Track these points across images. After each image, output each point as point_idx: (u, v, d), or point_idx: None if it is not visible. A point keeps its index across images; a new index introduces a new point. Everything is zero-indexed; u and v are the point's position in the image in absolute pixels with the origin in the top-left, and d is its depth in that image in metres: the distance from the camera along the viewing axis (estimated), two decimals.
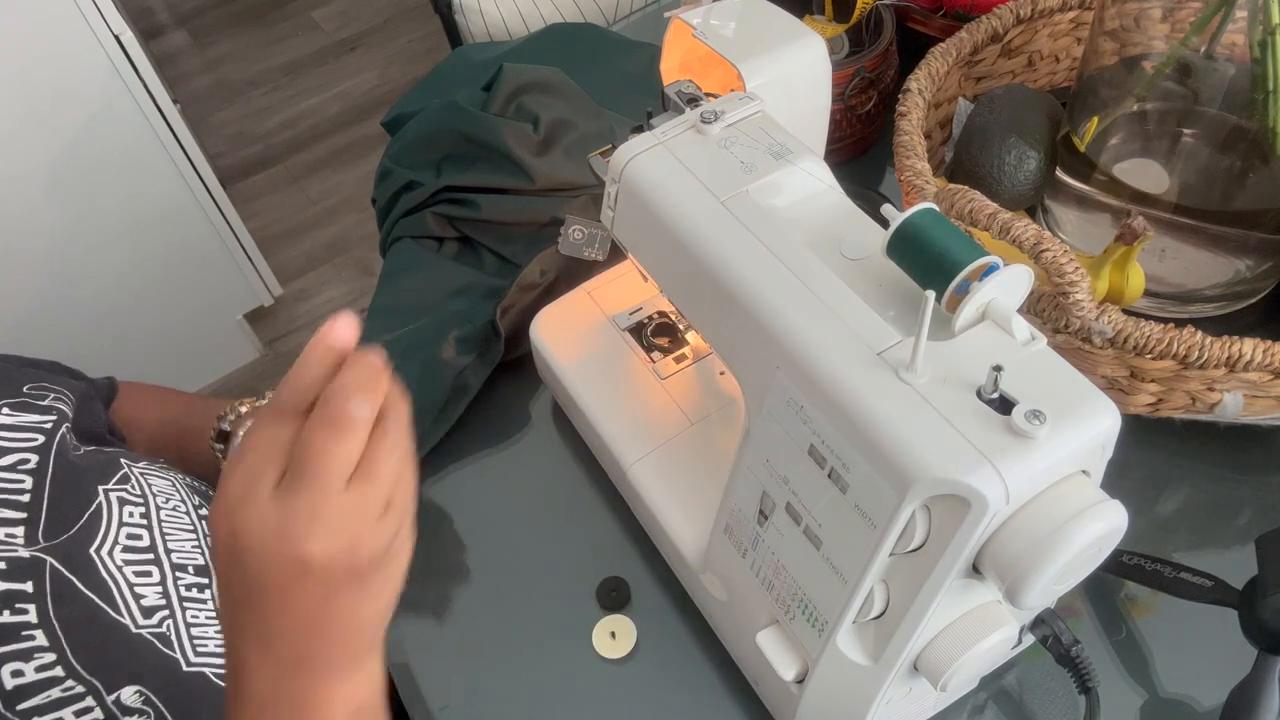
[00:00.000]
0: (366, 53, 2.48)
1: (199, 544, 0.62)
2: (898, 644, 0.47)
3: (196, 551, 0.61)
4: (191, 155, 1.58)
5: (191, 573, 0.60)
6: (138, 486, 0.61)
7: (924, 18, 0.91)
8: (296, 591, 0.39)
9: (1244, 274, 0.70)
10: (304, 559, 0.38)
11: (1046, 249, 0.58)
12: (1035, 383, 0.43)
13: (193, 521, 0.63)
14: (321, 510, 0.38)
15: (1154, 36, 0.70)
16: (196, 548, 0.62)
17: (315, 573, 0.38)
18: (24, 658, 0.48)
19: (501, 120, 0.89)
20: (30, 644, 0.49)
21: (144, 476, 0.63)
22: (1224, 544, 0.66)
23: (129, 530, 0.58)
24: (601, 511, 0.72)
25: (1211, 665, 0.58)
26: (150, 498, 0.61)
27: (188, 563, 0.60)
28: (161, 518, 0.60)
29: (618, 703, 0.63)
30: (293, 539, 0.38)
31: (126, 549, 0.58)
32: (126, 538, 0.58)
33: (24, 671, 0.48)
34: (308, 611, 0.39)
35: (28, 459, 0.57)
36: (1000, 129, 0.75)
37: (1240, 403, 0.63)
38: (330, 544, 0.38)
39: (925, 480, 0.41)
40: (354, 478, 0.39)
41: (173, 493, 0.64)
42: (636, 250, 0.60)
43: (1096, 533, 0.41)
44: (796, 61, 0.62)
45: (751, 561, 0.54)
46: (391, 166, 0.94)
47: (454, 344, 0.79)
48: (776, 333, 0.48)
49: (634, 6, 1.30)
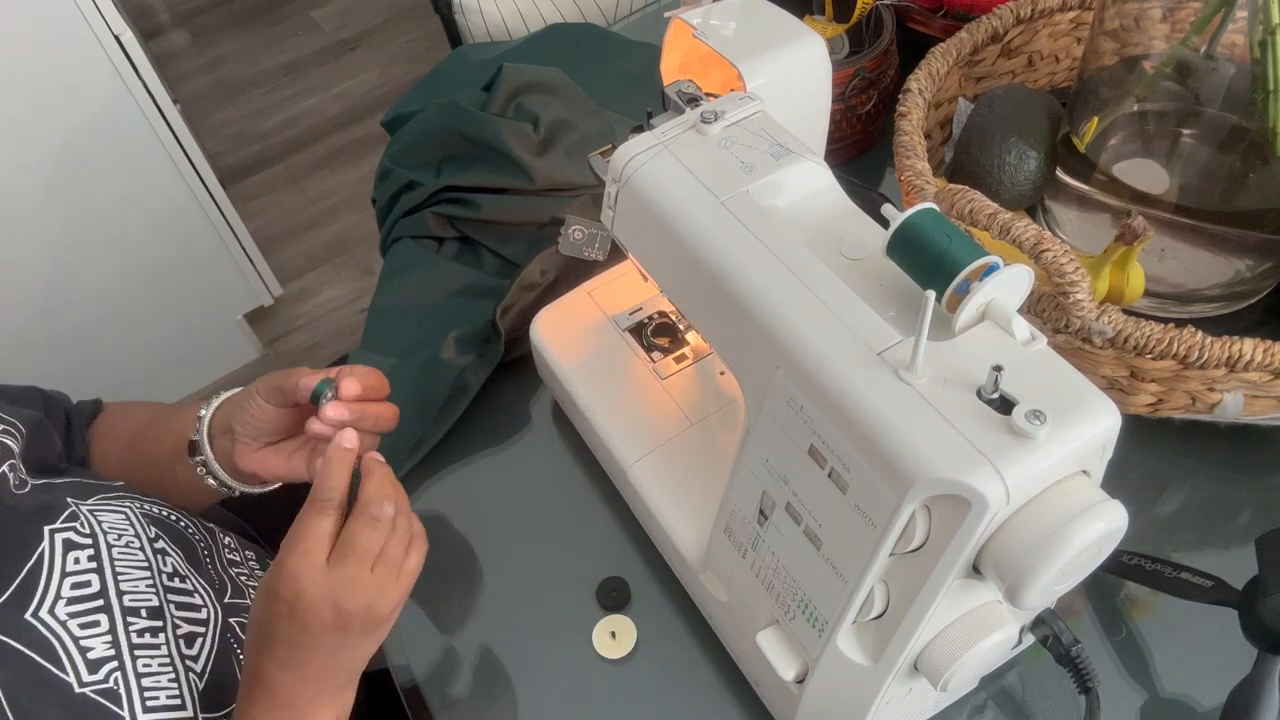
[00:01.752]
0: (366, 53, 2.48)
1: (153, 583, 0.61)
2: (898, 644, 0.47)
3: (151, 592, 0.60)
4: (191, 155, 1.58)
5: (145, 616, 0.59)
6: (86, 525, 0.60)
7: (924, 18, 0.91)
8: (329, 635, 0.53)
9: (1244, 274, 0.70)
10: (342, 613, 0.52)
11: (1046, 249, 0.58)
12: (1035, 383, 0.43)
13: (147, 558, 0.62)
14: (356, 581, 0.53)
15: (1154, 36, 0.70)
16: (151, 587, 0.60)
17: (343, 623, 0.53)
18: None
19: (501, 120, 0.89)
20: None
21: (93, 514, 0.61)
22: (1224, 544, 0.66)
23: (75, 580, 0.57)
24: (601, 511, 0.72)
25: (1211, 665, 0.58)
26: (100, 536, 0.60)
27: (140, 605, 0.59)
28: (113, 556, 0.60)
29: (618, 703, 0.63)
30: (336, 599, 0.52)
31: (71, 600, 0.57)
32: (71, 587, 0.57)
33: None
34: (331, 648, 0.53)
35: None
36: (1000, 129, 0.75)
37: (1240, 403, 0.63)
38: (359, 603, 0.53)
39: (925, 480, 0.41)
40: (378, 560, 0.54)
41: (125, 528, 0.62)
42: (636, 250, 0.60)
43: (1096, 533, 0.41)
44: (796, 61, 0.62)
45: (751, 561, 0.54)
46: (391, 166, 0.94)
47: (454, 344, 0.79)
48: (776, 333, 0.48)
49: (634, 6, 1.30)
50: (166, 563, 0.63)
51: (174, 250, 1.65)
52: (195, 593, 0.64)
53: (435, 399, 0.77)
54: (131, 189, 1.55)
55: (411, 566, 0.56)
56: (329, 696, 0.55)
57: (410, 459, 0.76)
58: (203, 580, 0.65)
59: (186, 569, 0.64)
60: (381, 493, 0.55)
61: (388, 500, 0.55)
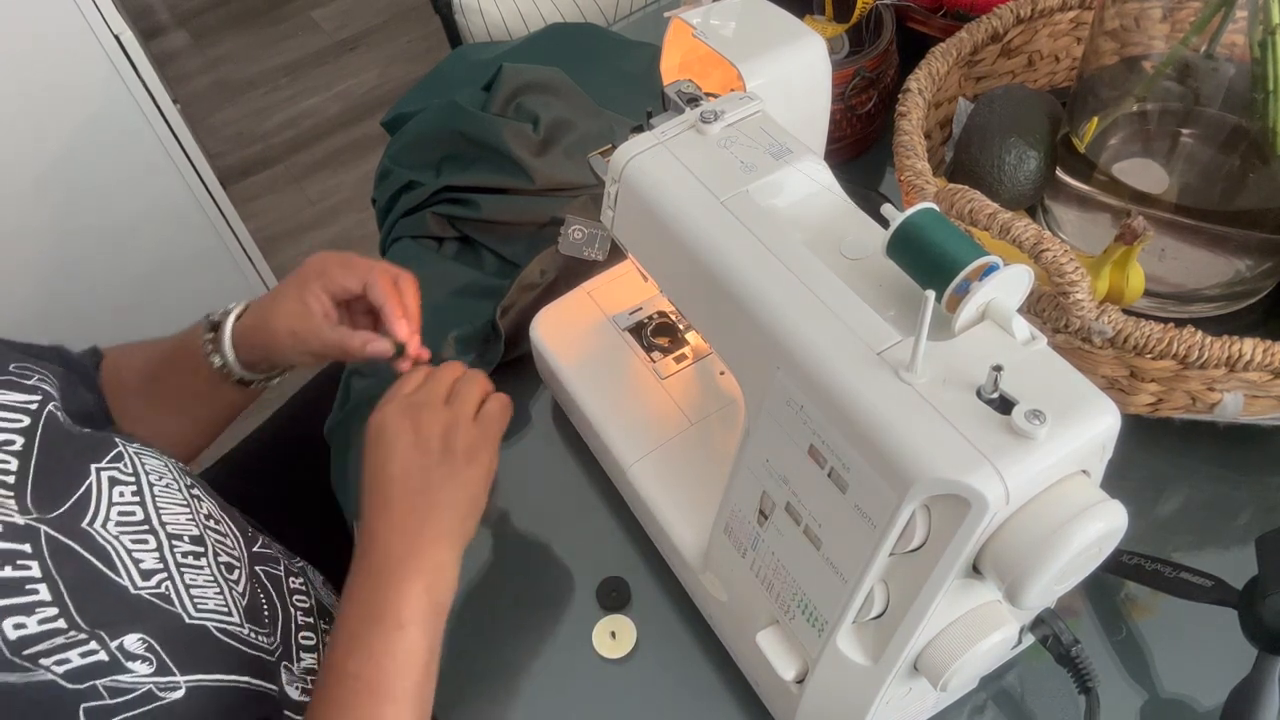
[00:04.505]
0: (366, 53, 2.48)
1: (193, 518, 0.63)
2: (898, 644, 0.47)
3: (191, 524, 0.63)
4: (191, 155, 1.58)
5: (187, 541, 0.62)
6: (130, 465, 0.62)
7: (924, 18, 0.91)
8: (412, 463, 0.57)
9: (1244, 274, 0.70)
10: (421, 435, 0.58)
11: (1046, 249, 0.58)
12: (1035, 383, 0.43)
13: (185, 498, 0.64)
14: (430, 406, 0.59)
15: (1154, 36, 0.70)
16: (191, 520, 0.63)
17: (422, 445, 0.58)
18: (26, 611, 0.50)
19: (501, 120, 0.89)
20: (33, 598, 0.51)
21: (138, 456, 0.63)
22: (1224, 544, 0.66)
23: (120, 508, 0.59)
24: (601, 511, 0.72)
25: (1211, 665, 0.58)
26: (142, 475, 0.62)
27: (183, 533, 0.62)
28: (155, 493, 0.62)
29: (618, 703, 0.63)
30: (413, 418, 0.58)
31: (120, 522, 0.59)
32: (119, 514, 0.59)
33: (26, 624, 0.50)
34: (416, 482, 0.57)
35: (13, 440, 0.57)
36: (1000, 129, 0.75)
37: (1240, 403, 0.63)
38: (435, 427, 0.58)
39: (925, 480, 0.41)
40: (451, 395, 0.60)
41: (165, 471, 0.65)
42: (636, 250, 0.60)
43: (1096, 533, 0.41)
44: (796, 61, 0.62)
45: (751, 561, 0.54)
46: (391, 166, 0.94)
47: (454, 344, 0.79)
48: (776, 333, 0.48)
49: (634, 6, 1.30)
50: (202, 506, 0.66)
51: (174, 250, 1.65)
52: (228, 535, 0.67)
53: None
54: (131, 189, 1.55)
55: (492, 408, 0.61)
56: (419, 557, 0.56)
57: None
58: (233, 526, 0.68)
59: (219, 514, 0.67)
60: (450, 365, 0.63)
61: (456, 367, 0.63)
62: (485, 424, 0.60)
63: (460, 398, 0.60)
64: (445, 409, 0.59)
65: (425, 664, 0.56)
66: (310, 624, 0.70)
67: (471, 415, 0.60)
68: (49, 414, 0.60)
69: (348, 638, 0.55)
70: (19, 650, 0.49)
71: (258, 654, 0.61)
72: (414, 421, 0.58)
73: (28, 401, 0.60)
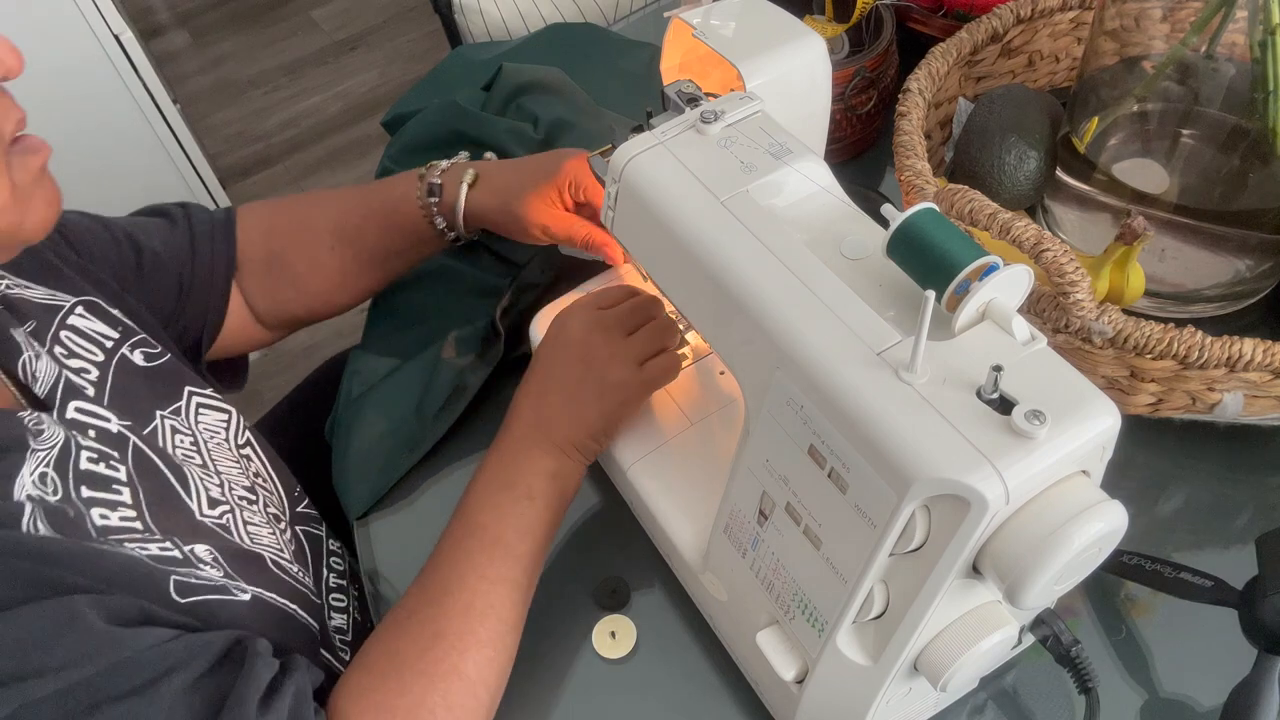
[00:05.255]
0: (366, 53, 2.48)
1: (243, 472, 0.68)
2: (898, 644, 0.47)
3: (243, 477, 0.68)
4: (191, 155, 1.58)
5: (242, 488, 0.67)
6: (187, 423, 0.66)
7: (924, 18, 0.91)
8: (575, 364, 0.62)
9: (1244, 274, 0.70)
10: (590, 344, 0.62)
11: (1046, 249, 0.58)
12: (1035, 383, 0.43)
13: (236, 457, 0.69)
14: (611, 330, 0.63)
15: (1154, 36, 0.70)
16: (242, 474, 0.68)
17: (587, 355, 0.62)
18: (110, 506, 0.55)
19: (501, 120, 0.89)
20: (117, 497, 0.56)
21: (198, 410, 0.68)
22: (1224, 544, 0.66)
23: (183, 450, 0.64)
24: (601, 511, 0.72)
25: (1211, 665, 0.58)
26: (197, 434, 0.67)
27: (236, 482, 0.66)
28: (210, 448, 0.67)
29: (618, 703, 0.63)
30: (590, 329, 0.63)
31: (185, 459, 0.64)
32: (183, 455, 0.64)
33: (110, 517, 0.54)
34: (567, 387, 0.62)
35: (95, 362, 0.62)
36: (1000, 129, 0.75)
37: (1240, 403, 0.63)
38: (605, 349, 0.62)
39: (925, 480, 0.41)
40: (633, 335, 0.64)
41: (218, 429, 0.69)
42: (636, 250, 0.60)
43: (1096, 533, 0.41)
44: (796, 61, 0.62)
45: (751, 561, 0.54)
46: (391, 166, 0.94)
47: (454, 344, 0.79)
48: (776, 333, 0.47)
49: (634, 6, 1.30)
50: (250, 465, 0.70)
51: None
52: (274, 493, 0.71)
53: (435, 398, 0.77)
54: (131, 189, 1.55)
55: (659, 363, 0.63)
56: (552, 446, 0.61)
57: (410, 458, 0.76)
58: (279, 484, 0.73)
59: (268, 473, 0.72)
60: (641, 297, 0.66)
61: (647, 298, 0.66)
62: (645, 372, 0.63)
63: (639, 339, 0.63)
64: (620, 340, 0.63)
65: (544, 538, 0.61)
66: (343, 586, 0.74)
67: (640, 358, 0.63)
68: (121, 356, 0.64)
69: (480, 495, 0.61)
70: (104, 534, 0.53)
71: (306, 591, 0.65)
72: (590, 337, 0.62)
73: (106, 336, 0.64)
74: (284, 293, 0.80)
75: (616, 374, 0.62)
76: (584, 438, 0.62)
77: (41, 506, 0.50)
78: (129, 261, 0.72)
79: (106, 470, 0.56)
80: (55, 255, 0.66)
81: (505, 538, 0.59)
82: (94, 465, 0.55)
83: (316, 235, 0.79)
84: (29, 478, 0.51)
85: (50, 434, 0.54)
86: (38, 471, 0.52)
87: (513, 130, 0.89)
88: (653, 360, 0.63)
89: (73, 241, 0.69)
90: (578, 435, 0.62)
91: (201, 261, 0.76)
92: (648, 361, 0.63)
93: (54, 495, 0.52)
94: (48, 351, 0.59)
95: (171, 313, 0.74)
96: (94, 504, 0.54)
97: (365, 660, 0.56)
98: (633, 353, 0.63)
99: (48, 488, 0.52)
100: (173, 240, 0.76)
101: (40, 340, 0.60)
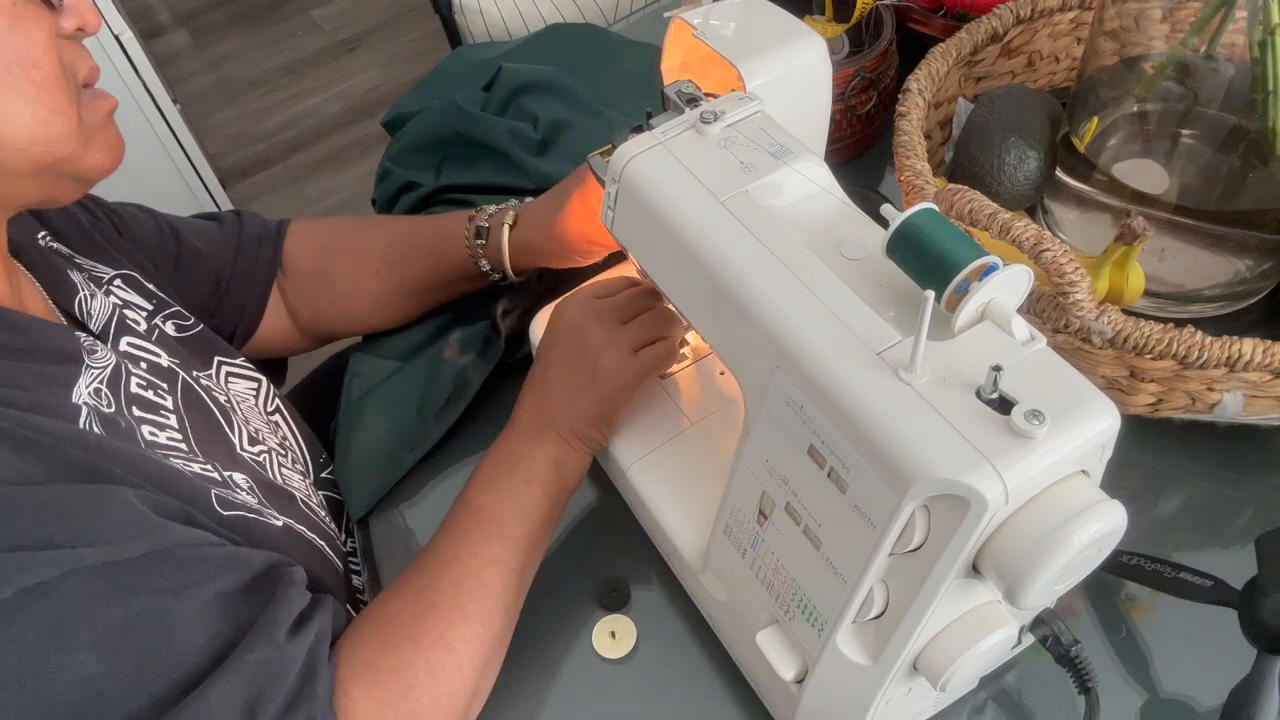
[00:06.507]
0: (366, 53, 2.48)
1: (273, 433, 0.72)
2: (897, 644, 0.47)
3: (273, 437, 0.71)
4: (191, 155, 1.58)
5: (275, 444, 0.70)
6: (221, 387, 0.70)
7: (924, 18, 0.91)
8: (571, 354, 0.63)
9: (1244, 274, 0.70)
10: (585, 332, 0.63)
11: (1046, 249, 0.58)
12: (1035, 383, 0.43)
13: (266, 421, 0.73)
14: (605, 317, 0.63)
15: (1154, 36, 0.70)
16: (272, 434, 0.72)
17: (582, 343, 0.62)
18: (158, 426, 0.59)
19: (501, 120, 0.89)
20: (165, 420, 0.60)
21: (228, 379, 0.72)
22: (1224, 544, 0.66)
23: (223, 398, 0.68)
24: (601, 511, 0.72)
25: (1211, 665, 0.58)
26: (230, 396, 0.70)
27: (268, 437, 0.70)
28: (244, 410, 0.70)
29: (618, 703, 0.63)
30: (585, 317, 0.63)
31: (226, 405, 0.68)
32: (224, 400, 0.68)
33: (158, 435, 0.58)
34: (564, 374, 0.63)
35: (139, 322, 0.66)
36: (1000, 129, 0.75)
37: (1240, 403, 0.63)
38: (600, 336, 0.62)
39: (924, 480, 0.41)
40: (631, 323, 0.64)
41: (247, 395, 0.73)
42: (636, 250, 0.60)
43: (1096, 533, 0.41)
44: (796, 61, 0.62)
45: (751, 561, 0.54)
46: (391, 167, 0.95)
47: (454, 344, 0.79)
48: (776, 333, 0.48)
49: (634, 6, 1.30)
50: (278, 431, 0.74)
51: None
52: (300, 460, 0.74)
53: (436, 398, 0.77)
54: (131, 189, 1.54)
55: (652, 351, 0.64)
56: (554, 434, 0.63)
57: (410, 458, 0.76)
58: (306, 451, 0.76)
59: (294, 440, 0.75)
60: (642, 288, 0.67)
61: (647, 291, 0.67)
62: (638, 360, 0.63)
63: (634, 327, 0.64)
64: (616, 329, 0.63)
65: (541, 523, 0.62)
66: (358, 564, 0.75)
67: (634, 346, 0.63)
68: (155, 326, 0.68)
69: (483, 480, 0.63)
70: (153, 448, 0.57)
71: (333, 535, 0.69)
72: (585, 324, 0.63)
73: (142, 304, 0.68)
74: (323, 307, 0.83)
75: (610, 361, 0.62)
76: (584, 425, 0.63)
77: (97, 414, 0.54)
78: (169, 251, 0.76)
79: (155, 397, 0.60)
80: (100, 234, 0.70)
81: (501, 519, 0.60)
82: (144, 391, 0.60)
83: (364, 258, 0.82)
84: (85, 389, 0.55)
85: (104, 357, 0.58)
86: (92, 386, 0.56)
87: (513, 130, 0.89)
88: (648, 348, 0.64)
89: (118, 224, 0.73)
90: (577, 423, 0.63)
91: (244, 264, 0.80)
92: (642, 349, 0.64)
93: (108, 407, 0.56)
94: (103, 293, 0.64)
95: (205, 308, 0.77)
96: (144, 422, 0.58)
97: (363, 620, 0.58)
98: (626, 340, 0.63)
99: (102, 400, 0.56)
100: (218, 241, 0.79)
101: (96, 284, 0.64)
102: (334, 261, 0.83)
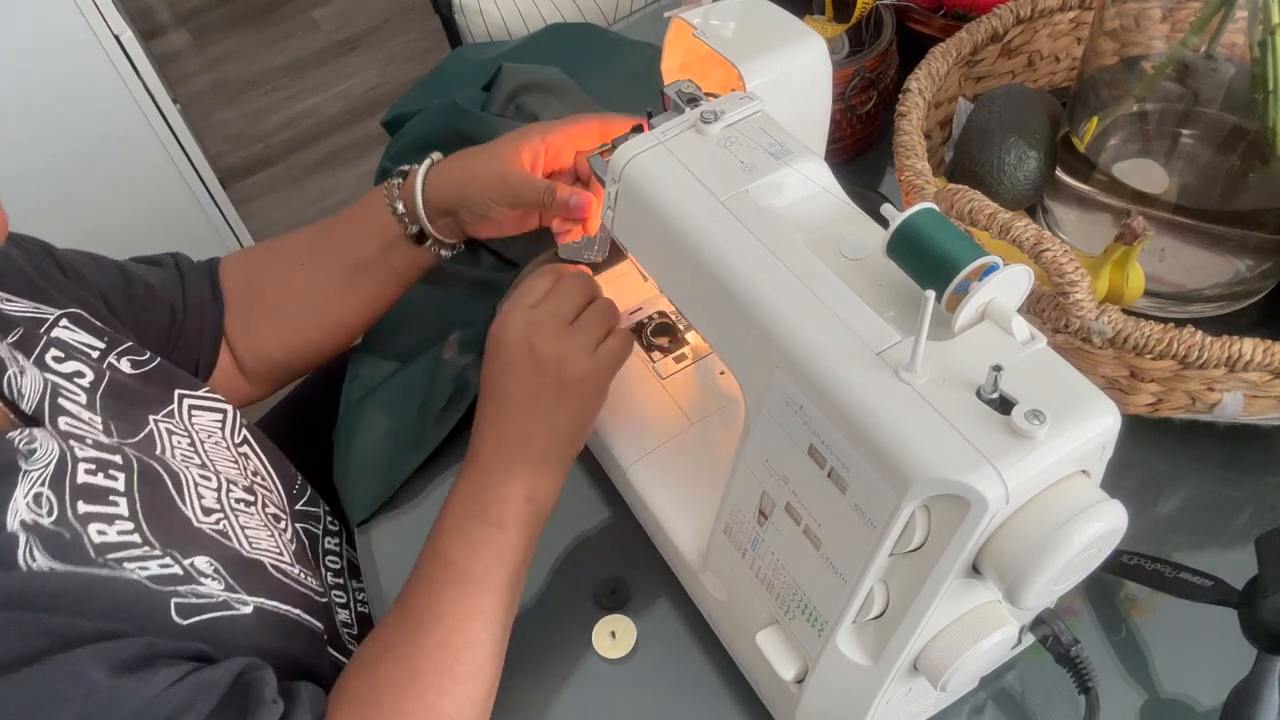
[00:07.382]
0: (366, 53, 2.48)
1: (240, 471, 0.68)
2: (897, 644, 0.47)
3: (240, 476, 0.67)
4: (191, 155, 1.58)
5: (240, 489, 0.66)
6: (182, 424, 0.66)
7: (924, 18, 0.91)
8: (526, 379, 0.58)
9: (1244, 274, 0.70)
10: (536, 353, 0.57)
11: (1046, 249, 0.58)
12: (1035, 383, 0.43)
13: (234, 455, 0.69)
14: (550, 327, 0.58)
15: (1154, 36, 0.70)
16: (240, 474, 0.67)
17: (538, 366, 0.57)
18: (107, 520, 0.54)
19: (501, 120, 0.89)
20: (114, 510, 0.55)
21: (191, 412, 0.67)
22: (1224, 544, 0.66)
23: (181, 451, 0.64)
24: (601, 511, 0.72)
25: (1211, 665, 0.58)
26: (193, 433, 0.66)
27: (234, 481, 0.66)
28: (207, 448, 0.66)
29: (618, 703, 0.63)
30: (531, 337, 0.58)
31: (184, 459, 0.63)
32: (182, 455, 0.64)
33: (107, 533, 0.54)
34: (528, 401, 0.58)
35: (84, 373, 0.62)
36: (1000, 129, 0.75)
37: (1240, 403, 0.63)
38: (552, 351, 0.57)
39: (925, 480, 0.41)
40: (576, 323, 0.59)
41: (214, 429, 0.68)
42: (636, 250, 0.60)
43: (1096, 533, 0.41)
44: (796, 61, 0.62)
45: (751, 561, 0.54)
46: (391, 166, 0.94)
47: (454, 344, 0.79)
48: (776, 333, 0.48)
49: (634, 6, 1.30)
50: (249, 463, 0.70)
51: (174, 250, 1.65)
52: (273, 491, 0.70)
53: (437, 399, 0.77)
54: (131, 189, 1.55)
55: (611, 345, 0.60)
56: (524, 467, 0.58)
57: (412, 459, 0.76)
58: (278, 482, 0.72)
59: (265, 470, 0.71)
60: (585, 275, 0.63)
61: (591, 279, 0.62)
62: (601, 358, 0.59)
63: (584, 326, 0.59)
64: (566, 334, 0.59)
65: (520, 563, 0.59)
66: (341, 584, 0.74)
67: (591, 346, 0.59)
68: (110, 365, 0.64)
69: (450, 527, 0.59)
70: (103, 553, 0.52)
71: (308, 593, 0.64)
72: (532, 341, 0.58)
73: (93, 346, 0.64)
74: (260, 326, 0.78)
75: (574, 369, 0.58)
76: (559, 446, 0.60)
77: (36, 533, 0.50)
78: (118, 285, 0.72)
79: (104, 481, 0.55)
80: (40, 275, 0.66)
81: (476, 570, 0.57)
82: (91, 477, 0.55)
83: (288, 256, 0.79)
84: (22, 501, 0.50)
85: (45, 450, 0.53)
86: (32, 493, 0.51)
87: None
88: (605, 344, 0.60)
89: (60, 263, 0.69)
90: (551, 446, 0.59)
91: (193, 298, 0.76)
92: (600, 346, 0.59)
93: (49, 517, 0.51)
94: (34, 363, 0.59)
95: (164, 343, 0.74)
96: (91, 520, 0.53)
97: (346, 691, 0.56)
98: (582, 342, 0.59)
99: (43, 509, 0.51)
100: (164, 278, 0.76)
101: (26, 352, 0.59)
102: (261, 273, 0.79)
